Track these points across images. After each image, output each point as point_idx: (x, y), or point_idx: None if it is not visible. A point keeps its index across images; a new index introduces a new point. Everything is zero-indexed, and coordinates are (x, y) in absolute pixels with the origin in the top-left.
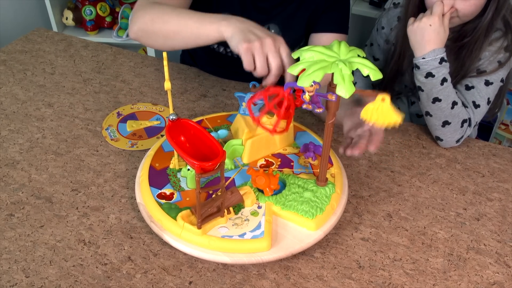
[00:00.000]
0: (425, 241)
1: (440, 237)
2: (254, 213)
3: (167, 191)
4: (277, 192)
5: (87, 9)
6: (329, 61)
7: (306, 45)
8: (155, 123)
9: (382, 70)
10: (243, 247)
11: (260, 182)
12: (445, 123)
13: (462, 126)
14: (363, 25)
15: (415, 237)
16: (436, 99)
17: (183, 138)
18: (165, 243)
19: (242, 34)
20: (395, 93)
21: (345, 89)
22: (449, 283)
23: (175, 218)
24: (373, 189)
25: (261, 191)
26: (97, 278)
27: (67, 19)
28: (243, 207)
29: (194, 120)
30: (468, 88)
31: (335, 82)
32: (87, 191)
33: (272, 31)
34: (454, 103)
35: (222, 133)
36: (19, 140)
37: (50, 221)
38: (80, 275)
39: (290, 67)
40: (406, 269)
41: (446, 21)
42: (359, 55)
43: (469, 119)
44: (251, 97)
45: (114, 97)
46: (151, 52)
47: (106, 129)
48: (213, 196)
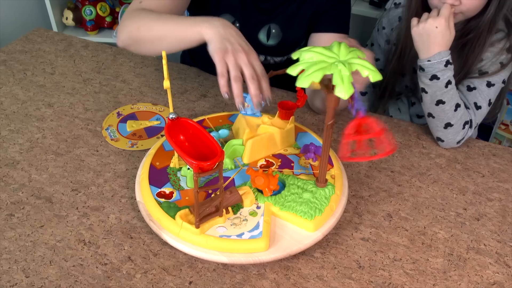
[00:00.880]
0: (425, 241)
1: (440, 237)
2: (253, 213)
3: (166, 190)
4: (276, 193)
5: (87, 9)
6: (328, 62)
7: (306, 45)
8: (155, 123)
9: (383, 70)
10: (241, 247)
11: (259, 182)
12: (448, 125)
13: (464, 127)
14: (363, 25)
15: (415, 237)
16: (439, 101)
17: (182, 137)
18: (165, 243)
19: (219, 41)
20: (395, 94)
21: (344, 90)
22: (449, 283)
23: (173, 217)
24: (373, 189)
25: (260, 191)
26: (97, 278)
27: (67, 19)
28: (242, 207)
29: (195, 119)
30: (470, 89)
31: (334, 83)
32: (87, 191)
33: (273, 31)
34: (457, 105)
35: (223, 132)
36: (19, 140)
37: (50, 221)
38: (80, 275)
39: (289, 67)
40: (406, 269)
41: (452, 24)
42: (359, 56)
43: (471, 120)
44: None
45: (114, 97)
46: None
47: (106, 129)
48: (212, 195)
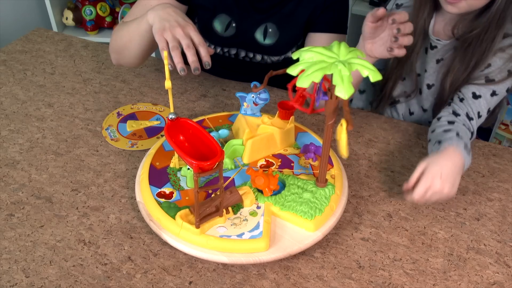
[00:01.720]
0: (425, 241)
1: (440, 237)
2: (253, 213)
3: (166, 190)
4: (276, 193)
5: (87, 9)
6: (328, 62)
7: (303, 44)
8: (155, 123)
9: (382, 73)
10: (241, 247)
11: (259, 182)
12: None
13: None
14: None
15: (415, 237)
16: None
17: (182, 138)
18: (165, 243)
19: (158, 22)
20: (394, 98)
21: (344, 90)
22: (449, 283)
23: (173, 217)
24: (373, 189)
25: (261, 191)
26: (97, 278)
27: (67, 19)
28: (242, 207)
29: (195, 119)
30: (476, 96)
31: (334, 83)
32: (87, 191)
33: (270, 30)
34: (458, 134)
35: (223, 132)
36: (19, 140)
37: (50, 221)
38: (80, 275)
39: (289, 67)
40: (406, 269)
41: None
42: (359, 56)
43: (472, 133)
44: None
45: (114, 97)
46: None
47: (106, 129)
48: (213, 195)
